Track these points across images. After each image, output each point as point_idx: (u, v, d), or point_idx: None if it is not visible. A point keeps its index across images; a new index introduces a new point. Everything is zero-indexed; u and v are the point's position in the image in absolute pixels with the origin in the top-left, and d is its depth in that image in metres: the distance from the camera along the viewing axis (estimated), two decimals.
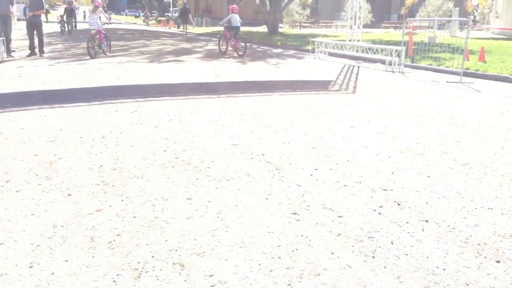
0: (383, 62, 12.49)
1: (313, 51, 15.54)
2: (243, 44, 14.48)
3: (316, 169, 3.93)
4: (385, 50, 12.32)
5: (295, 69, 11.63)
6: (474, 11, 46.00)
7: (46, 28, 20.48)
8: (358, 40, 14.39)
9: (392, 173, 3.87)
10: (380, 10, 50.41)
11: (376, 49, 12.97)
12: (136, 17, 64.89)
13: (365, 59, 13.66)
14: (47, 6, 67.67)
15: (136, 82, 8.84)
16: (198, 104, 6.70)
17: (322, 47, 14.96)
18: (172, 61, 12.78)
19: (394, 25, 41.10)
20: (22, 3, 34.45)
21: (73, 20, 26.25)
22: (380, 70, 11.87)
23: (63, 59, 12.92)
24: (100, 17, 13.44)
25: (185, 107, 6.47)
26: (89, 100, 6.85)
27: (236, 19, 14.55)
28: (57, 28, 26.12)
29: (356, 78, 10.09)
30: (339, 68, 12.06)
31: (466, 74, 10.43)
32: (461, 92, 8.47)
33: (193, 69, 11.05)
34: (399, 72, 11.44)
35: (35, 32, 13.64)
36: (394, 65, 11.80)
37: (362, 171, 3.91)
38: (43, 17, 14.45)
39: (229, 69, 11.19)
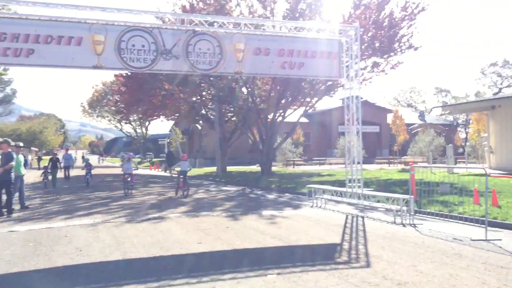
0: (389, 209, 11.18)
1: (310, 195, 14.30)
2: (187, 188, 17.05)
3: None
4: (391, 198, 11.05)
5: (292, 225, 10.18)
6: (464, 145, 46.55)
7: (31, 178, 19.04)
8: (359, 184, 13.21)
9: None
10: (372, 146, 50.99)
11: (380, 197, 11.70)
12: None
13: (368, 206, 12.34)
14: (40, 153, 68.48)
15: (101, 257, 7.28)
16: None
17: (320, 193, 13.75)
18: (153, 218, 11.34)
19: (387, 160, 41.00)
20: None
21: (58, 171, 23.60)
22: (388, 222, 10.45)
23: (31, 220, 11.48)
24: (132, 164, 18.50)
25: None
26: None
27: (185, 165, 17.34)
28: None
29: (365, 239, 8.57)
30: (341, 222, 10.64)
31: (487, 224, 9.03)
32: (499, 258, 6.94)
33: (174, 231, 9.57)
34: (410, 224, 10.01)
35: (3, 190, 12.47)
36: (403, 214, 10.45)
37: None
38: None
39: (215, 229, 9.71)
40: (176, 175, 18.13)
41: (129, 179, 17.98)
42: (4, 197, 12.45)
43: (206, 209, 13.10)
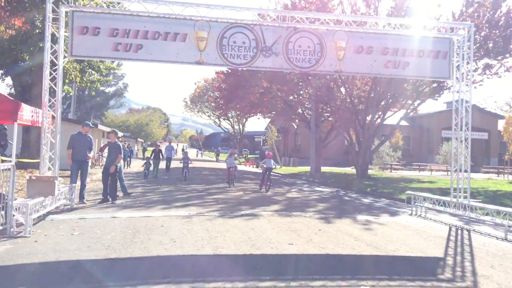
0: (499, 224, 10.16)
1: (408, 202, 13.50)
2: (269, 184, 18.53)
3: None
4: (502, 212, 10.02)
5: (389, 233, 9.62)
6: None
7: (136, 167, 20.27)
8: (465, 194, 12.20)
9: None
10: (479, 154, 47.45)
11: (490, 210, 10.67)
12: (217, 154, 66.46)
13: (474, 218, 11.33)
14: (145, 144, 72.78)
15: (193, 250, 7.36)
16: None
17: (420, 201, 12.90)
18: (246, 215, 11.37)
19: (496, 170, 37.89)
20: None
21: (160, 163, 24.10)
22: (498, 238, 9.49)
23: (133, 208, 12.07)
24: (234, 159, 20.83)
25: None
26: (119, 281, 5.39)
27: (270, 162, 18.75)
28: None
29: (472, 254, 7.82)
30: (444, 234, 9.85)
31: None
32: None
33: (266, 229, 9.47)
34: None
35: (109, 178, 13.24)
36: None
37: None
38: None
39: (307, 231, 9.46)
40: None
41: (233, 172, 20.14)
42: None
43: (299, 209, 12.89)
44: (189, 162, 22.99)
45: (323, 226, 10.17)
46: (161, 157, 24.42)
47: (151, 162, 23.29)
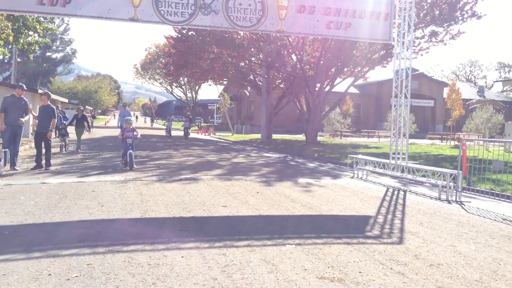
0: (434, 185, 10.38)
1: (351, 166, 13.61)
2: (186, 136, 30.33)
3: None
4: (437, 173, 10.20)
5: (327, 194, 9.61)
6: None
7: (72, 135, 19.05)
8: (403, 157, 12.38)
9: None
10: (425, 120, 48.91)
11: (426, 171, 10.88)
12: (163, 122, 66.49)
13: (412, 180, 11.56)
14: (93, 112, 70.46)
15: (120, 214, 7.03)
16: (173, 261, 4.71)
17: (362, 164, 13.03)
18: (185, 179, 11.07)
19: (440, 136, 39.19)
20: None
21: (84, 132, 19.13)
22: (432, 197, 9.67)
23: (66, 174, 11.52)
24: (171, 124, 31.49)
25: (150, 269, 4.49)
26: (28, 247, 5.01)
27: (187, 123, 32.61)
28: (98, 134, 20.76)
29: (403, 213, 7.89)
30: (380, 194, 9.94)
31: None
32: None
33: (202, 192, 9.23)
34: (456, 202, 9.21)
35: (43, 143, 12.55)
36: (450, 190, 9.64)
37: None
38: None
39: (245, 193, 9.30)
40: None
41: (168, 134, 32.00)
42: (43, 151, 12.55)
43: (241, 173, 12.72)
44: (135, 136, 13.12)
45: (262, 189, 10.03)
46: (86, 125, 19.26)
47: (62, 129, 18.22)
